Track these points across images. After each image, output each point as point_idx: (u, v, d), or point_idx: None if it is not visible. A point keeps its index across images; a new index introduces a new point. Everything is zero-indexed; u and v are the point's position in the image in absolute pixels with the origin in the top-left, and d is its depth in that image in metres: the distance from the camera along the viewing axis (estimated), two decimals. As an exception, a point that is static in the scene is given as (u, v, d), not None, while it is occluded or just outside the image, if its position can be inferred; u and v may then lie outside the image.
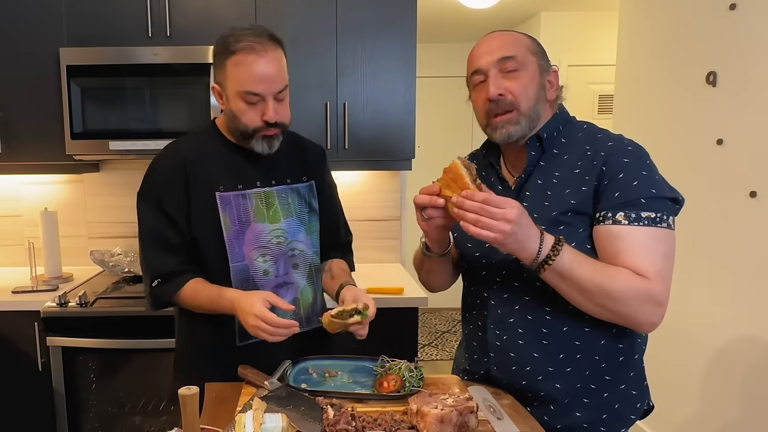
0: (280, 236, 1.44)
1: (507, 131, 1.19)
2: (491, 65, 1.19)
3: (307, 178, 1.51)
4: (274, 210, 1.44)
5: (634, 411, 1.25)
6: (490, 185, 1.30)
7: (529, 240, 1.07)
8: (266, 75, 1.31)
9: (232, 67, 1.31)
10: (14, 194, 2.69)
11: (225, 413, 1.17)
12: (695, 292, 2.40)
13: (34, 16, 2.28)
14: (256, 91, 1.31)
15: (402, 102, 2.42)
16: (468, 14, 4.02)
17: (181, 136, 1.50)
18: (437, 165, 1.28)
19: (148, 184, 1.43)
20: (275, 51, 1.33)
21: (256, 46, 1.30)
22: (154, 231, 1.41)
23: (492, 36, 1.24)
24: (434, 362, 4.21)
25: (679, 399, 2.51)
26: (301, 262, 1.48)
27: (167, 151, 1.46)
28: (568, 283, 1.10)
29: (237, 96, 1.33)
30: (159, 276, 1.40)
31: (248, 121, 1.34)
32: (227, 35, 1.33)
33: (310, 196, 1.51)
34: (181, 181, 1.39)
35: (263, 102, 1.33)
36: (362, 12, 2.36)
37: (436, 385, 1.29)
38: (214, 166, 1.42)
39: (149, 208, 1.41)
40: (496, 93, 1.18)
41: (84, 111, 2.27)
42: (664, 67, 2.63)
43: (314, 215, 1.52)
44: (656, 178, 1.14)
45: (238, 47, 1.30)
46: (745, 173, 2.16)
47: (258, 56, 1.30)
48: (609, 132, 1.23)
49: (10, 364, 2.16)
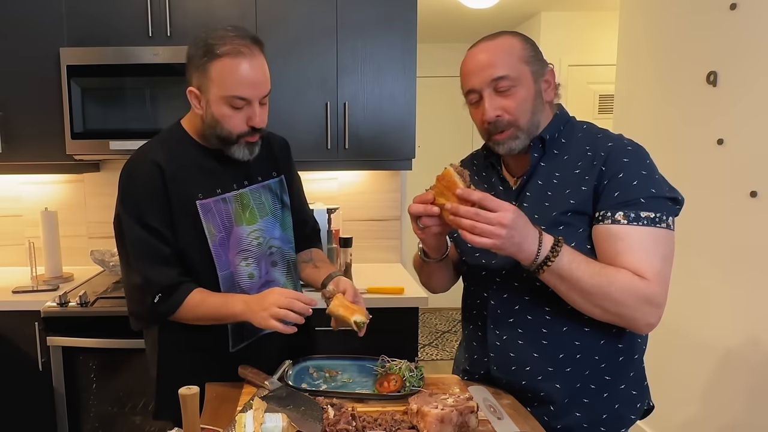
0: (259, 237, 1.42)
1: (508, 146, 1.20)
2: (484, 85, 1.17)
3: (277, 173, 1.49)
4: (251, 211, 1.42)
5: (634, 411, 1.25)
6: (491, 185, 1.31)
7: (527, 242, 1.07)
8: (255, 79, 1.28)
9: (217, 71, 1.27)
10: (14, 194, 2.69)
11: (225, 413, 1.18)
12: (695, 291, 2.40)
13: (34, 16, 2.28)
14: (243, 96, 1.28)
15: (402, 102, 2.42)
16: (468, 14, 4.02)
17: (148, 141, 1.43)
18: (437, 165, 1.28)
19: (128, 197, 1.35)
20: (261, 54, 1.31)
21: (243, 50, 1.26)
22: (144, 244, 1.33)
23: (480, 49, 1.21)
24: (434, 362, 4.21)
25: (679, 399, 2.51)
26: (279, 259, 1.47)
27: (140, 161, 1.36)
28: (567, 284, 1.10)
29: (221, 100, 1.29)
30: (160, 290, 1.32)
31: (232, 126, 1.30)
32: (207, 37, 1.28)
33: (282, 191, 1.49)
34: (160, 192, 1.33)
35: (249, 106, 1.30)
36: (362, 12, 2.36)
37: (437, 385, 1.29)
38: (190, 172, 1.36)
39: (133, 222, 1.33)
40: (493, 116, 1.17)
41: (84, 111, 2.27)
42: (664, 67, 2.63)
43: (287, 210, 1.50)
44: (656, 177, 1.14)
45: (225, 50, 1.26)
46: (746, 173, 2.16)
47: (246, 60, 1.27)
48: (609, 132, 1.22)
49: (10, 364, 2.16)
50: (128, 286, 1.38)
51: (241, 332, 1.43)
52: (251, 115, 1.30)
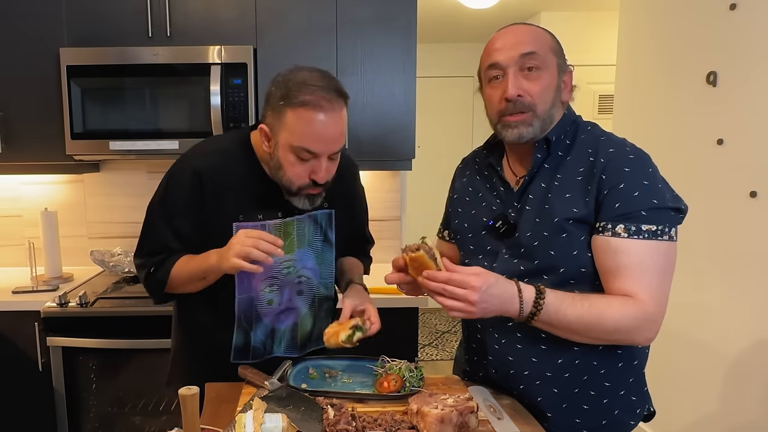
0: (290, 266, 1.39)
1: (519, 132, 1.17)
2: (511, 62, 1.15)
3: (329, 206, 1.42)
4: (290, 240, 1.37)
5: (634, 417, 1.24)
6: (491, 186, 1.30)
7: (507, 304, 1.08)
8: (329, 136, 1.22)
9: (293, 118, 1.21)
10: (14, 194, 2.68)
11: (225, 413, 1.17)
12: (695, 293, 2.40)
13: (34, 16, 2.28)
14: (313, 150, 1.22)
15: (402, 102, 2.42)
16: (468, 14, 4.02)
17: (209, 139, 1.43)
18: (437, 165, 1.29)
19: (166, 198, 1.35)
20: (342, 110, 1.24)
21: (324, 104, 1.19)
22: (159, 240, 1.36)
23: (513, 29, 1.19)
24: (434, 362, 4.21)
25: (679, 401, 2.50)
26: (306, 289, 1.43)
27: (186, 166, 1.34)
28: (558, 329, 1.12)
29: (289, 149, 1.23)
30: (152, 265, 1.36)
31: (294, 176, 1.25)
32: (290, 80, 1.22)
33: (327, 226, 1.44)
34: (196, 204, 1.32)
35: (315, 160, 1.24)
36: (362, 12, 2.36)
37: (436, 385, 1.29)
38: (237, 192, 1.33)
39: (161, 219, 1.35)
40: (515, 93, 1.15)
41: (84, 111, 2.27)
42: (664, 67, 2.63)
43: (328, 246, 1.45)
44: (658, 187, 1.12)
45: (306, 100, 1.19)
46: (745, 173, 2.16)
47: (325, 115, 1.20)
48: (612, 136, 1.20)
49: (10, 364, 2.16)
50: (135, 263, 1.42)
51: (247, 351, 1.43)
52: (316, 170, 1.24)
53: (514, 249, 1.21)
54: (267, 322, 1.41)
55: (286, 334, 1.44)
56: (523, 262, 1.19)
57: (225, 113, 2.24)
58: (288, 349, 1.45)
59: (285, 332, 1.44)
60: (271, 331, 1.42)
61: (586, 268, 1.15)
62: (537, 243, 1.16)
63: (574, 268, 1.15)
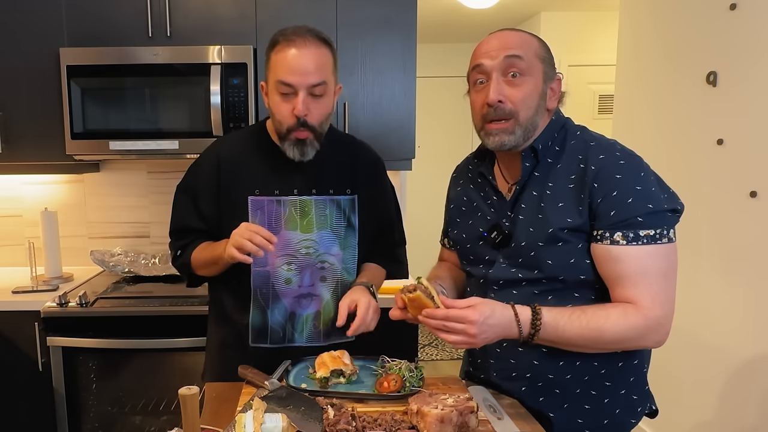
0: (310, 247, 1.42)
1: (500, 140, 1.17)
2: (494, 67, 1.15)
3: (351, 191, 1.46)
4: (309, 220, 1.42)
5: (635, 416, 1.24)
6: (485, 195, 1.29)
7: (506, 330, 1.10)
8: (300, 66, 1.30)
9: (274, 60, 1.33)
10: (14, 194, 2.68)
11: (225, 413, 1.18)
12: (695, 293, 2.40)
13: (34, 16, 2.28)
14: (288, 81, 1.30)
15: (402, 102, 2.42)
16: (468, 14, 4.02)
17: (231, 132, 1.53)
18: (437, 165, 1.29)
19: (188, 178, 1.49)
20: (318, 47, 1.32)
21: (296, 39, 1.31)
22: (182, 221, 1.48)
23: (500, 33, 1.19)
24: (434, 362, 4.21)
25: (679, 401, 2.50)
26: (329, 275, 1.45)
27: (209, 150, 1.49)
28: (560, 345, 1.13)
29: (273, 88, 1.33)
30: (177, 248, 1.48)
31: (281, 116, 1.34)
32: (276, 32, 1.36)
33: (351, 210, 1.46)
34: (214, 183, 1.42)
35: (295, 96, 1.31)
36: (362, 12, 2.36)
37: (437, 385, 1.30)
38: (253, 168, 1.42)
39: (184, 200, 1.47)
40: (495, 99, 1.14)
41: (84, 111, 2.27)
42: (665, 67, 2.63)
43: (351, 230, 1.47)
44: (652, 190, 1.10)
45: (281, 39, 1.32)
46: (745, 173, 2.16)
47: (297, 49, 1.30)
48: (602, 139, 1.18)
49: (10, 364, 2.16)
50: (169, 247, 1.54)
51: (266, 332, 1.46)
52: (296, 104, 1.31)
53: (511, 258, 1.21)
54: (286, 304, 1.43)
55: (309, 322, 1.45)
56: (521, 270, 1.19)
57: (225, 113, 2.24)
58: (310, 338, 1.46)
59: (307, 320, 1.45)
60: (291, 315, 1.44)
61: (585, 276, 1.15)
62: (533, 253, 1.16)
63: (574, 276, 1.15)
